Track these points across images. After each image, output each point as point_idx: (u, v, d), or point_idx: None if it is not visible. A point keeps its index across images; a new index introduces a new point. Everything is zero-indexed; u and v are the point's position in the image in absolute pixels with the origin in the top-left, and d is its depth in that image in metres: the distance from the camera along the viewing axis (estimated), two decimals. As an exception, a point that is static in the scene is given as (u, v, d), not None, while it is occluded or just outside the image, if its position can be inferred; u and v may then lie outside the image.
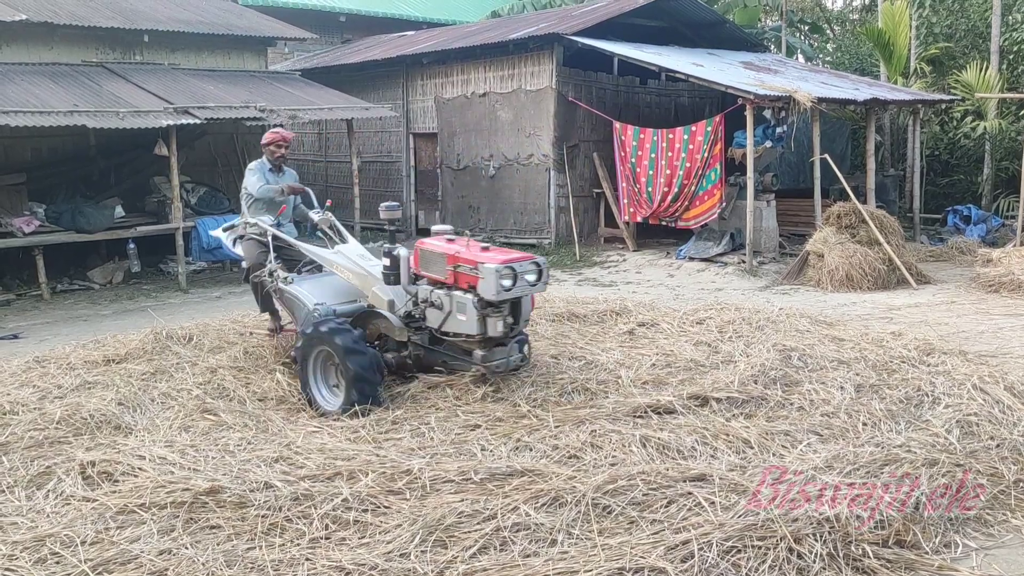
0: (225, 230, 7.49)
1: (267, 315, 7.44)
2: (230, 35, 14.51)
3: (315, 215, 6.97)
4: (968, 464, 4.64)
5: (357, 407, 5.53)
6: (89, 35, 13.08)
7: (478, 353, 5.78)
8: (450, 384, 5.91)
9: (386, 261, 6.07)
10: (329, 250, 6.72)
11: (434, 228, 6.48)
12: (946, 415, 5.32)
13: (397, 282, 6.06)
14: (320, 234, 6.99)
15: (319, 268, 6.89)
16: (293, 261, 6.99)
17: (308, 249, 6.88)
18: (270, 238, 6.90)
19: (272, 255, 6.83)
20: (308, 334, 5.89)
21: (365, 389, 5.62)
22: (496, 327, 5.64)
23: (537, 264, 5.75)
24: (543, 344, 7.18)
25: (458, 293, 5.72)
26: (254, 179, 7.11)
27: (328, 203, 7.21)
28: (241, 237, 7.24)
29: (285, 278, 6.62)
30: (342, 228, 6.94)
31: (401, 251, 6.09)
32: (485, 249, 5.88)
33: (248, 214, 7.15)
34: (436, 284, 5.92)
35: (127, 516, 4.17)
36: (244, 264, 7.25)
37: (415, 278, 6.09)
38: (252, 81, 14.14)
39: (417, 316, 6.02)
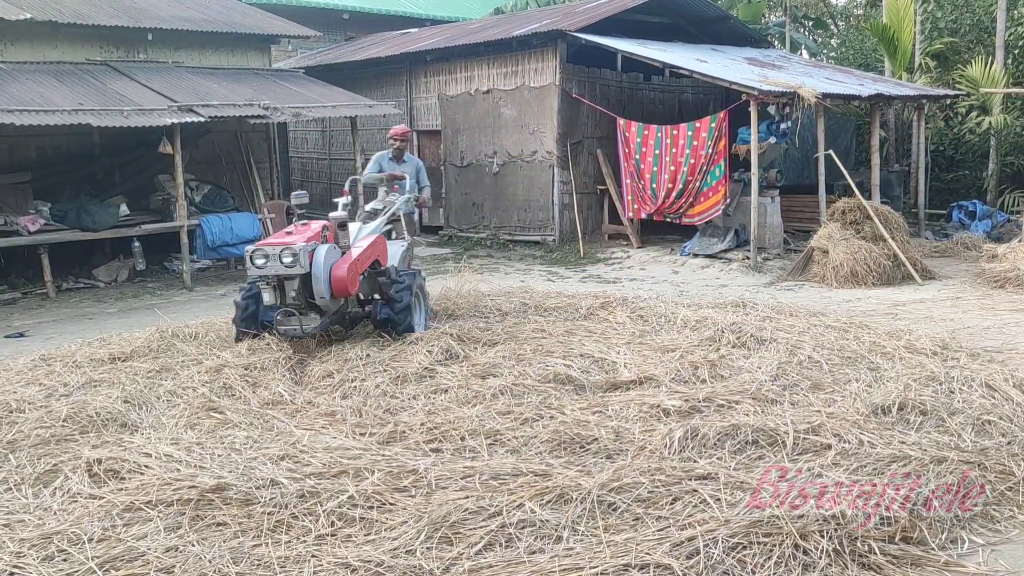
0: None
1: None
2: (234, 33, 14.51)
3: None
4: (978, 461, 4.63)
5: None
6: (93, 33, 13.09)
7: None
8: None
9: None
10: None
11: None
12: (958, 412, 5.32)
13: None
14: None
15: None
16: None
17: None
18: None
19: None
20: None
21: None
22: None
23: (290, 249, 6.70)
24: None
25: None
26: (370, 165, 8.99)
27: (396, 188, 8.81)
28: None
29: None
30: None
31: None
32: (288, 233, 7.17)
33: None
34: None
35: (133, 513, 4.18)
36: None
37: None
38: (256, 79, 14.14)
39: None
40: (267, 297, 6.92)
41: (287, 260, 6.72)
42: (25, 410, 5.73)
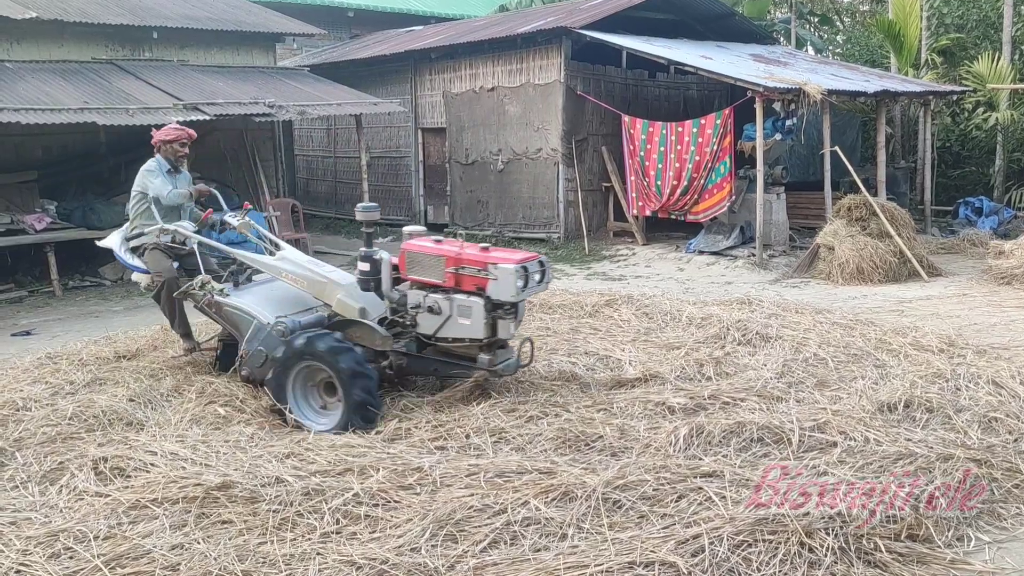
0: (129, 239, 6.67)
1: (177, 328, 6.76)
2: (239, 31, 14.52)
3: (232, 219, 6.47)
4: (984, 459, 4.61)
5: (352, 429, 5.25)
6: (99, 32, 13.11)
7: (484, 357, 5.54)
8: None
9: (364, 265, 5.71)
10: (273, 257, 6.28)
11: (407, 229, 6.07)
12: (964, 409, 5.31)
13: (376, 288, 5.74)
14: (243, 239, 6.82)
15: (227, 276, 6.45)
16: (193, 271, 6.43)
17: (250, 257, 6.37)
18: (196, 245, 6.38)
19: (176, 264, 6.45)
20: (291, 349, 5.41)
21: (368, 414, 5.32)
22: (508, 329, 5.53)
23: (542, 263, 5.62)
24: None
25: (461, 296, 5.49)
26: (158, 182, 6.47)
27: (246, 206, 6.83)
28: (141, 247, 6.54)
29: (222, 290, 6.11)
30: (268, 233, 6.64)
31: (383, 255, 5.79)
32: (485, 249, 5.65)
33: (141, 220, 6.59)
34: (428, 288, 5.63)
35: (139, 511, 4.20)
36: (150, 278, 6.54)
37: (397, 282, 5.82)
38: (261, 77, 14.15)
39: (406, 322, 5.70)
40: (510, 328, 5.61)
41: (537, 277, 5.59)
42: (31, 408, 5.74)
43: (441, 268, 5.56)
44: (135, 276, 6.79)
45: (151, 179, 6.52)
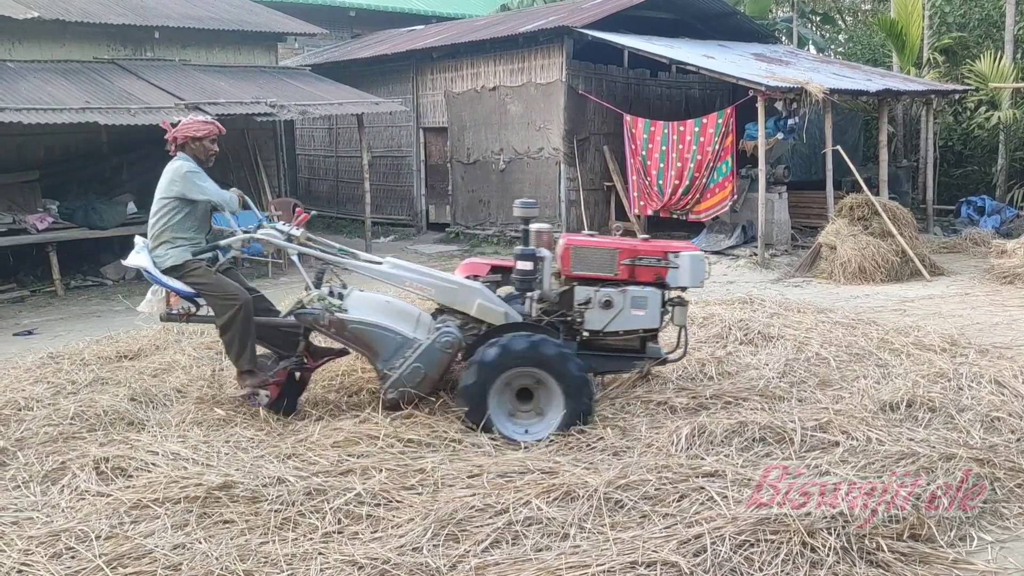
0: (167, 256, 5.55)
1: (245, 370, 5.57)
2: (240, 31, 14.53)
3: (292, 229, 5.72)
4: (987, 458, 4.61)
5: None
6: (100, 32, 13.11)
7: (654, 346, 5.59)
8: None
9: (525, 264, 5.45)
10: (386, 264, 5.71)
11: (535, 227, 5.72)
12: (967, 408, 5.30)
13: (532, 287, 5.48)
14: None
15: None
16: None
17: (362, 267, 5.72)
18: (296, 256, 5.60)
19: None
20: (507, 355, 5.01)
21: (586, 421, 5.10)
22: (683, 316, 5.60)
23: (703, 251, 5.80)
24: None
25: (634, 288, 5.45)
26: (211, 185, 5.74)
27: (272, 208, 6.38)
28: (185, 266, 5.53)
29: (339, 306, 5.41)
30: (329, 242, 5.92)
31: (544, 253, 5.55)
32: (646, 240, 5.73)
33: (174, 233, 5.58)
34: (596, 282, 5.49)
35: (141, 511, 4.19)
36: (166, 304, 5.57)
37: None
38: (262, 77, 14.15)
39: (569, 320, 5.50)
40: (685, 315, 5.71)
41: None
42: (33, 408, 5.74)
43: (614, 261, 5.51)
44: (147, 306, 5.71)
45: (200, 181, 5.65)
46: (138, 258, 5.68)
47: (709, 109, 14.23)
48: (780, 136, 12.62)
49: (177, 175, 5.69)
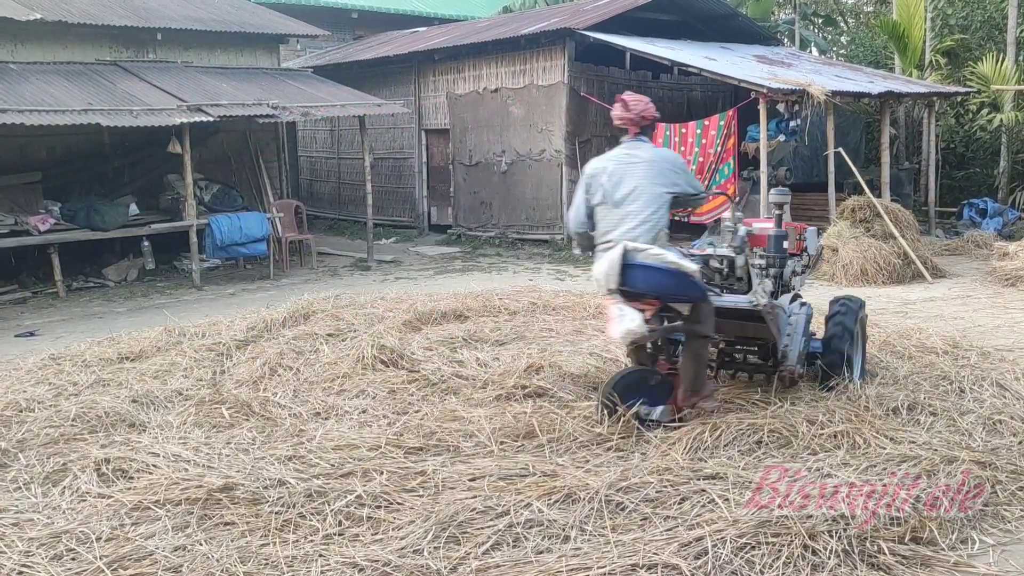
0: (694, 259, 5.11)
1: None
2: (243, 32, 14.54)
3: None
4: (988, 461, 4.60)
5: None
6: (103, 34, 13.13)
7: None
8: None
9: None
10: None
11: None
12: (969, 411, 5.29)
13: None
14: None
15: None
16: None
17: None
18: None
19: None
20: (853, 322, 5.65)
21: None
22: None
23: None
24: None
25: (797, 258, 5.89)
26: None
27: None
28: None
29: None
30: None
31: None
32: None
33: (665, 230, 4.99)
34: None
35: (142, 513, 4.19)
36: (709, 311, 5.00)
37: None
38: (265, 78, 14.16)
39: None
40: None
41: None
42: (35, 409, 5.75)
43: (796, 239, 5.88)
44: (632, 324, 4.76)
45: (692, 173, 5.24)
46: (657, 255, 4.82)
47: (711, 111, 14.23)
48: (782, 138, 12.61)
49: (679, 166, 5.16)
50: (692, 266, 4.87)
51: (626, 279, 4.81)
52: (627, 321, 4.78)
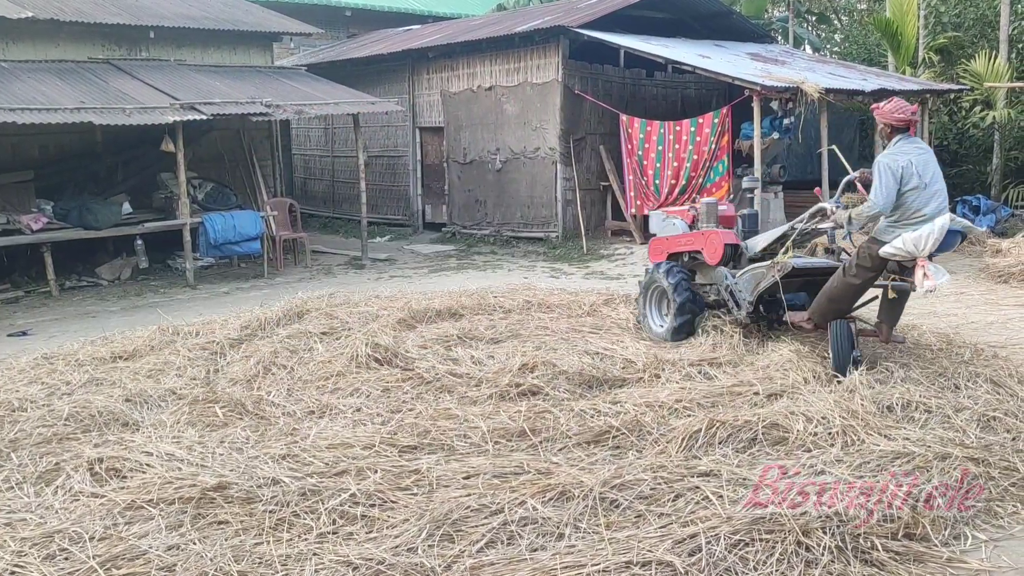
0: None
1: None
2: (236, 31, 14.50)
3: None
4: (982, 457, 4.61)
5: None
6: (95, 32, 13.08)
7: None
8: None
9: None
10: None
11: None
12: (963, 408, 5.30)
13: None
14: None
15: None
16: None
17: None
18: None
19: None
20: None
21: None
22: None
23: None
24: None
25: None
26: None
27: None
28: None
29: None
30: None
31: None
32: None
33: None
34: None
35: (135, 512, 4.18)
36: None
37: None
38: (258, 76, 14.13)
39: None
40: None
41: None
42: (27, 409, 5.73)
43: None
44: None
45: None
46: (960, 221, 6.25)
47: (705, 109, 14.24)
48: (776, 136, 12.63)
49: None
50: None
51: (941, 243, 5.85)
52: (943, 274, 5.87)
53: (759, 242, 7.01)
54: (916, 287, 5.83)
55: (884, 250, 5.89)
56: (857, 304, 6.34)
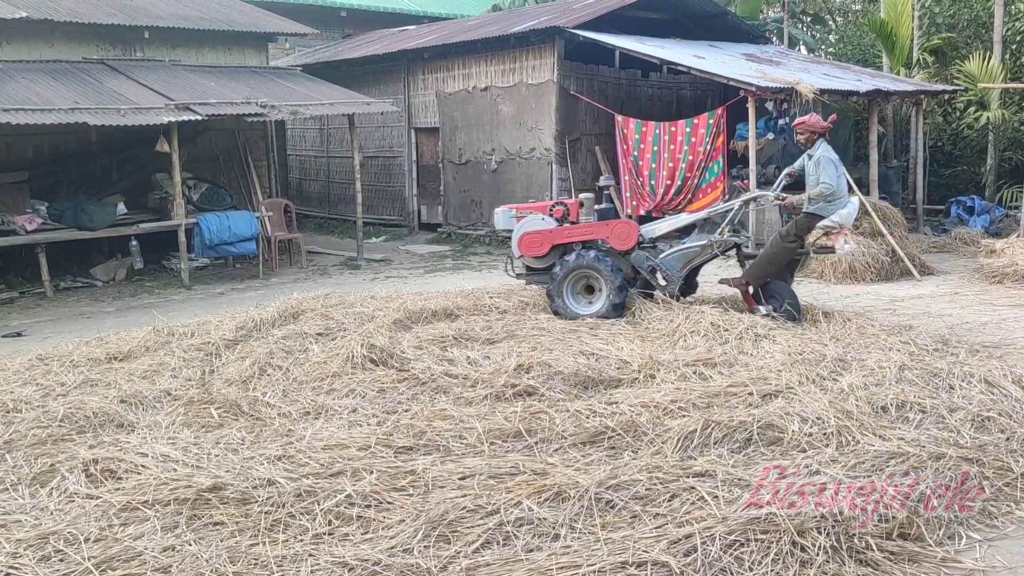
0: None
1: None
2: (231, 31, 14.49)
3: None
4: (976, 457, 4.62)
5: None
6: (89, 32, 13.06)
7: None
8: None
9: None
10: None
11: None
12: (957, 408, 5.31)
13: None
14: None
15: None
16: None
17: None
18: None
19: None
20: None
21: None
22: None
23: None
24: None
25: None
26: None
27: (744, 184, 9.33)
28: None
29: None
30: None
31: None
32: None
33: None
34: None
35: (130, 513, 4.18)
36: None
37: None
38: (253, 77, 14.11)
39: None
40: None
41: None
42: (22, 410, 5.72)
43: None
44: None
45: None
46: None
47: (700, 109, 14.26)
48: (771, 136, 12.65)
49: None
50: None
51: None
52: (850, 242, 8.17)
53: (657, 229, 8.61)
54: (838, 249, 8.54)
55: (831, 219, 7.69)
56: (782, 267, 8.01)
